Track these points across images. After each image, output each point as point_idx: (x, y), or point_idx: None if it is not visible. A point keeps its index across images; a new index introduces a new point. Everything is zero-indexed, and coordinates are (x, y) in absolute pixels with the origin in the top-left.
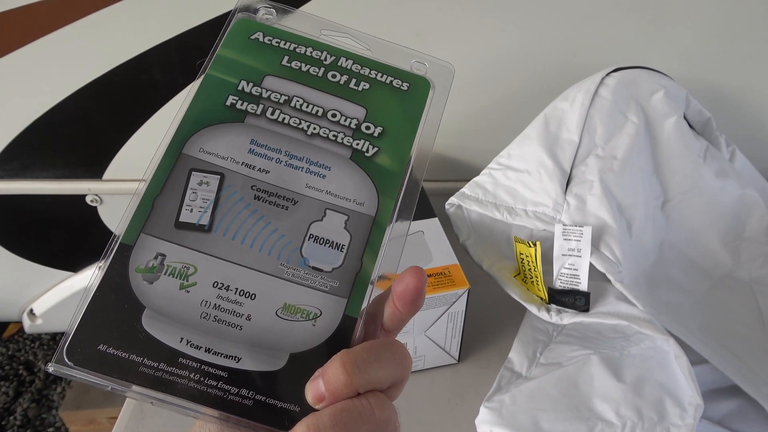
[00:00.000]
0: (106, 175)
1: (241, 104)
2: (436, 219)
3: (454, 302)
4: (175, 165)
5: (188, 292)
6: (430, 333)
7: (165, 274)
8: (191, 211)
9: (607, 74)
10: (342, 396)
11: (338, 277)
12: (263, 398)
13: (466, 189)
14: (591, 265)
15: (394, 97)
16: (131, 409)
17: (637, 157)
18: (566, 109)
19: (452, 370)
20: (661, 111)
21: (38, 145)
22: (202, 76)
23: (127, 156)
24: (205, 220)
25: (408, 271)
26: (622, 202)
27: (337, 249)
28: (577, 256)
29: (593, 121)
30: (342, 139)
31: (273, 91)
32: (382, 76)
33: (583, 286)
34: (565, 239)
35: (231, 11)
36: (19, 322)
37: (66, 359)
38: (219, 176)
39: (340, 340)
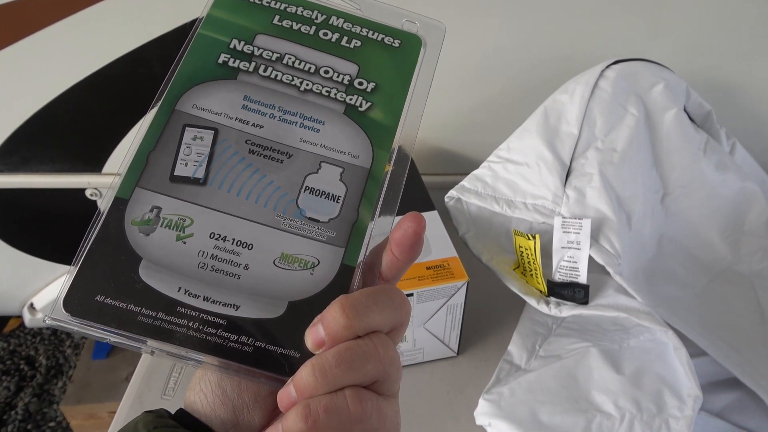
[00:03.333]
0: (105, 169)
1: (234, 62)
2: (436, 212)
3: (454, 294)
4: (168, 121)
5: (185, 243)
6: (429, 325)
7: (161, 226)
8: (186, 165)
9: (607, 66)
10: (342, 339)
11: (335, 227)
12: (263, 345)
13: (466, 182)
14: (590, 257)
15: (386, 54)
16: (130, 402)
17: (636, 150)
18: (566, 101)
19: (451, 362)
20: (661, 103)
21: (38, 138)
22: (194, 36)
23: (126, 150)
24: (200, 174)
25: (406, 216)
26: (622, 195)
27: (333, 200)
28: (576, 248)
29: (593, 113)
30: (335, 94)
31: (265, 49)
32: (373, 34)
33: (583, 278)
34: (565, 232)
35: None
36: (20, 317)
37: (63, 311)
38: (213, 131)
39: (338, 288)
